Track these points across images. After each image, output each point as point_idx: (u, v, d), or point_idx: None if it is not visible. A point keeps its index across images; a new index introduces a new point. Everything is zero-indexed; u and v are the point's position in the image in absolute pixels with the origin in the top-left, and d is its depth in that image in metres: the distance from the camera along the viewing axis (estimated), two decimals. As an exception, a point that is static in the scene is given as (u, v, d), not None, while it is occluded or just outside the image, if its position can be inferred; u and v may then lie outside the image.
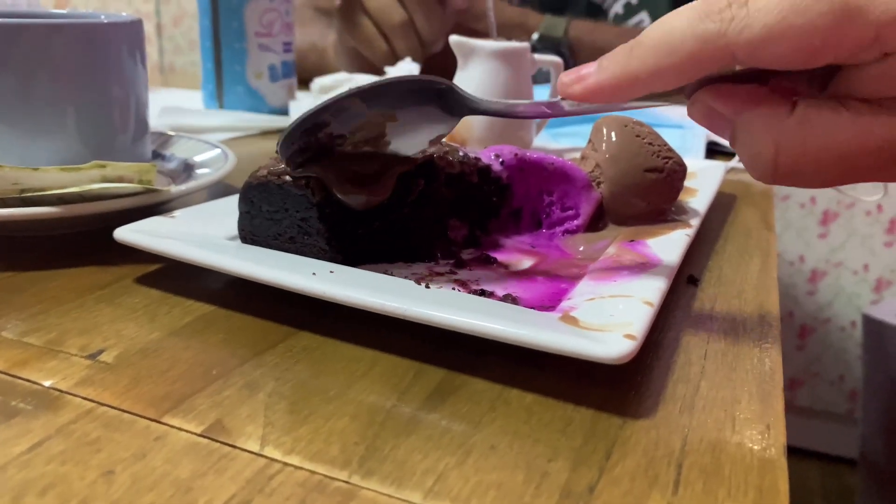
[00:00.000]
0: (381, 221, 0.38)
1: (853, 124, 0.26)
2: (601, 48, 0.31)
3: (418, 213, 0.39)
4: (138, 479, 0.23)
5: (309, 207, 0.35)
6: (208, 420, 0.26)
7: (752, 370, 0.31)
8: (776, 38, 0.25)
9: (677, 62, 0.27)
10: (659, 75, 0.28)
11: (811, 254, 1.75)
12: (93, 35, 0.43)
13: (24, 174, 0.39)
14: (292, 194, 0.36)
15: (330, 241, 0.36)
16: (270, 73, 0.82)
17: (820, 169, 0.27)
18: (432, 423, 0.27)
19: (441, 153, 0.40)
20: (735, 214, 0.54)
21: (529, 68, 0.60)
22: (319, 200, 0.35)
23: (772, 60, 0.26)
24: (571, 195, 0.44)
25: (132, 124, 0.47)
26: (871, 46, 0.25)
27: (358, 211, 0.36)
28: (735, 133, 0.29)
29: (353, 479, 0.23)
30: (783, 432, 0.27)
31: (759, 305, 0.38)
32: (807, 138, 0.26)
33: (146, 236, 0.36)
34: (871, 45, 0.25)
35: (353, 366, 0.30)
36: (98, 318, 0.34)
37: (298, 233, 0.36)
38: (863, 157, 0.26)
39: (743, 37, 0.25)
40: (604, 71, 0.29)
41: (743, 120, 0.28)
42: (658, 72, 0.27)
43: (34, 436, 0.25)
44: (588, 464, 0.25)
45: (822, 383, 1.78)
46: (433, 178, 0.39)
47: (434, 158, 0.39)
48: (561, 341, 0.28)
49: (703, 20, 0.26)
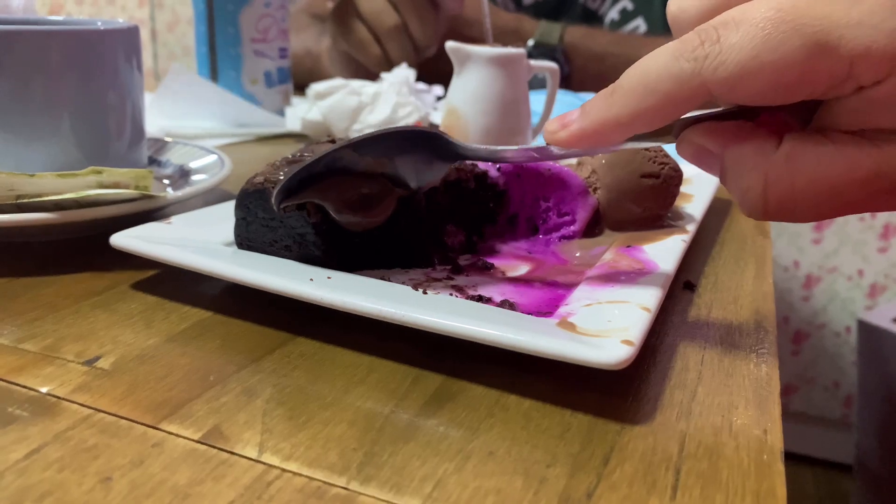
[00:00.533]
0: (377, 237, 0.38)
1: (839, 157, 0.26)
2: (596, 54, 0.31)
3: (416, 226, 0.39)
4: (136, 486, 0.23)
5: (305, 224, 0.35)
6: (206, 426, 0.26)
7: (749, 376, 0.31)
8: (750, 76, 0.25)
9: (656, 103, 0.27)
10: (640, 117, 0.28)
11: (805, 259, 1.76)
12: (89, 42, 0.43)
13: (20, 180, 0.39)
14: (288, 210, 0.36)
15: (326, 252, 0.36)
16: (266, 79, 0.82)
17: (811, 203, 0.27)
18: (430, 428, 0.27)
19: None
20: (731, 220, 0.55)
21: (525, 74, 0.61)
22: (316, 221, 0.35)
23: (748, 97, 0.26)
24: (568, 201, 0.44)
25: (128, 130, 0.47)
26: (845, 80, 0.25)
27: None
28: (724, 170, 0.29)
29: (351, 486, 0.23)
30: (780, 437, 0.27)
31: (756, 311, 0.38)
32: (794, 173, 0.26)
33: (142, 242, 0.36)
34: (846, 80, 0.25)
35: (351, 372, 0.30)
36: (94, 325, 0.34)
37: (294, 242, 0.36)
38: (853, 190, 0.26)
39: (718, 75, 0.26)
40: (586, 116, 0.29)
41: (731, 156, 0.28)
42: (638, 114, 0.28)
43: (31, 442, 0.25)
44: (586, 469, 0.25)
45: (816, 389, 1.79)
46: (433, 192, 0.39)
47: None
48: (558, 347, 0.28)
49: (677, 60, 0.26)
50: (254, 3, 0.79)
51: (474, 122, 0.59)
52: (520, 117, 0.60)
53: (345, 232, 0.36)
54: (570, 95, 0.85)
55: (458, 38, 0.62)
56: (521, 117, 0.60)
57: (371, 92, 0.71)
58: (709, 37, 0.26)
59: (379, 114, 0.69)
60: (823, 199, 0.26)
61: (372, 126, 0.68)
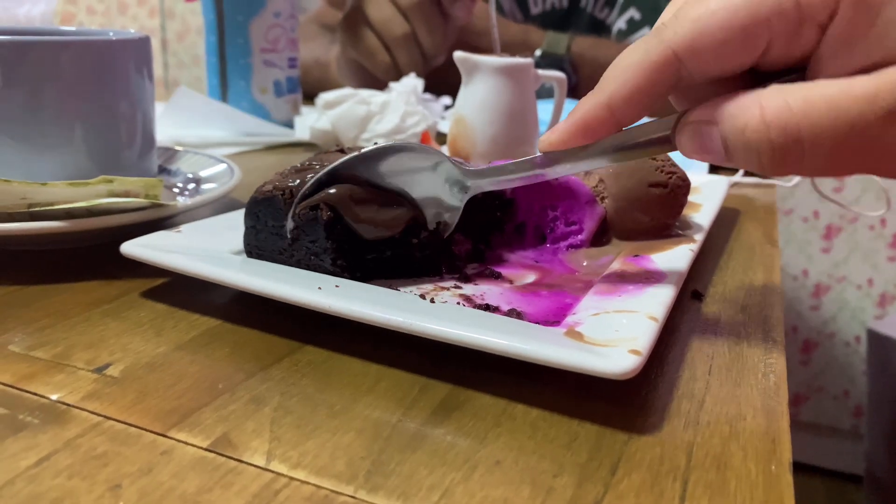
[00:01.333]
0: (389, 250, 0.38)
1: (832, 82, 0.26)
2: (603, 64, 0.32)
3: (426, 244, 0.39)
4: (145, 494, 0.23)
5: (317, 228, 0.36)
6: (214, 434, 0.26)
7: (757, 385, 0.31)
8: (706, 27, 0.27)
9: (634, 80, 0.29)
10: (621, 98, 0.30)
11: (814, 268, 1.75)
12: (101, 52, 0.44)
13: (32, 189, 0.39)
14: (303, 214, 0.36)
15: (336, 261, 0.36)
16: (275, 89, 0.83)
17: (817, 131, 0.26)
18: (438, 438, 0.27)
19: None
20: (739, 229, 0.55)
21: (533, 84, 0.61)
22: (327, 220, 0.35)
23: (715, 54, 0.28)
24: (575, 210, 0.44)
25: (139, 140, 0.47)
26: (801, 23, 0.26)
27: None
28: (723, 133, 0.28)
29: (359, 494, 0.23)
30: (788, 448, 0.27)
31: (764, 321, 0.38)
32: (787, 93, 0.26)
33: (152, 251, 0.37)
34: (801, 22, 0.26)
35: (359, 380, 0.30)
36: (104, 332, 0.34)
37: (306, 254, 0.36)
38: (854, 110, 0.25)
39: (678, 36, 0.28)
40: (573, 114, 0.31)
41: (726, 110, 0.28)
42: (619, 94, 0.29)
43: (41, 449, 0.25)
44: (593, 479, 0.25)
45: (826, 399, 1.77)
46: None
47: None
48: (566, 356, 0.28)
49: (645, 40, 0.29)
50: (263, 13, 0.80)
51: (482, 131, 0.59)
52: (527, 126, 0.60)
53: (356, 243, 0.36)
54: (578, 104, 0.85)
55: (466, 49, 0.62)
56: (529, 126, 0.61)
57: (380, 101, 0.71)
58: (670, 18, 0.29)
59: (387, 123, 0.69)
60: (827, 126, 0.26)
61: (380, 135, 0.68)
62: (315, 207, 0.36)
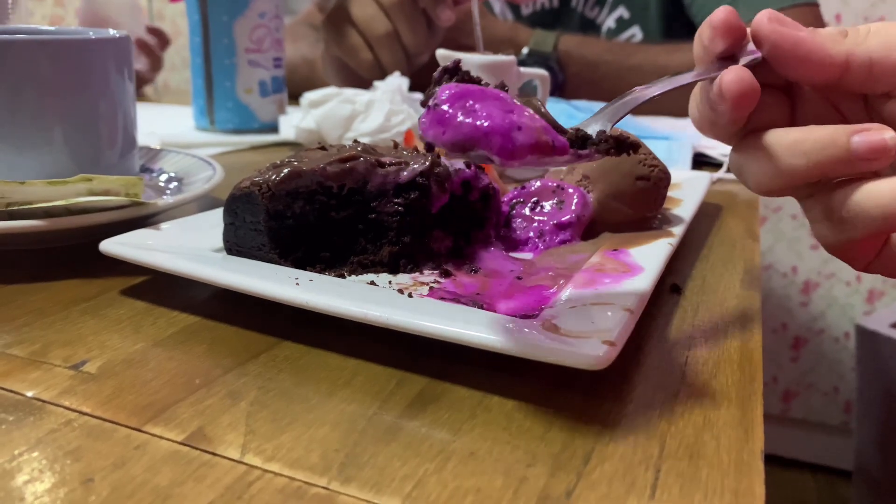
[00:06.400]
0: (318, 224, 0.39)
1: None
2: (590, 62, 0.31)
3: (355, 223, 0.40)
4: (117, 488, 0.23)
5: (258, 212, 0.36)
6: (190, 428, 0.26)
7: (732, 376, 0.31)
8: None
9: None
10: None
11: (803, 265, 1.76)
12: (80, 51, 0.44)
13: (11, 188, 0.39)
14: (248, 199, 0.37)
15: (273, 240, 0.37)
16: (260, 89, 0.83)
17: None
18: (413, 430, 0.27)
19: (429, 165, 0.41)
20: (720, 224, 0.55)
21: (516, 81, 0.61)
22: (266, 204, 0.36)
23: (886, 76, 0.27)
24: (556, 205, 0.44)
25: (119, 139, 0.47)
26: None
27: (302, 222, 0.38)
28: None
29: (332, 486, 0.24)
30: (761, 437, 0.27)
31: (742, 314, 0.38)
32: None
33: (132, 248, 0.37)
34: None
35: (336, 375, 0.30)
36: (82, 330, 0.34)
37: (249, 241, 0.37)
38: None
39: (867, 43, 0.27)
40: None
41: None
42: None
43: (15, 446, 0.25)
44: (566, 469, 0.25)
45: (816, 395, 1.78)
46: (419, 198, 0.40)
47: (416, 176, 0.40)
48: (540, 348, 0.28)
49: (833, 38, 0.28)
50: (248, 13, 0.80)
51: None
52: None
53: (291, 224, 0.37)
54: (563, 102, 0.85)
55: (454, 47, 0.62)
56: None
57: (364, 100, 0.71)
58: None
59: (372, 121, 0.69)
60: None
61: (365, 134, 0.68)
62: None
